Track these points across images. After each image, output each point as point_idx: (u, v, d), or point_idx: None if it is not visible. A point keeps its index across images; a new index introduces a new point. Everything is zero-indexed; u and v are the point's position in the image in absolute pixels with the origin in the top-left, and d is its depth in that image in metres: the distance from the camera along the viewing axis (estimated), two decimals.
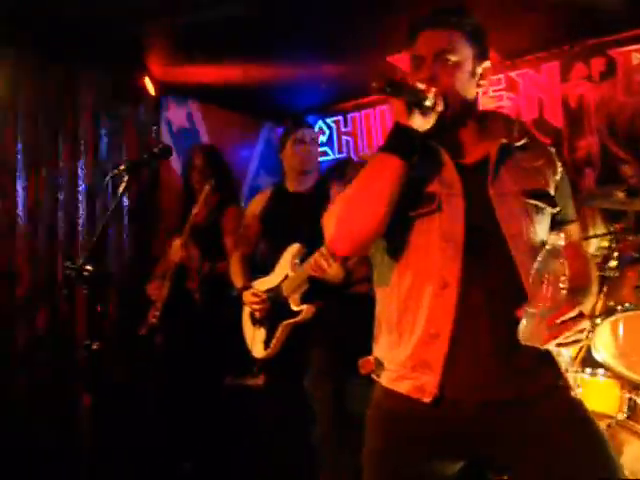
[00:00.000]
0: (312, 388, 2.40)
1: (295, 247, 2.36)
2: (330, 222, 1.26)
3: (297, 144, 2.49)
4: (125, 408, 2.84)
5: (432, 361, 1.17)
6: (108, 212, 2.31)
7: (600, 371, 1.99)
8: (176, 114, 3.63)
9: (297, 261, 2.34)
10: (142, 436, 2.78)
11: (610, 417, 1.85)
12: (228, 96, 3.68)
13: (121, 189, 2.27)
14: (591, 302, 1.22)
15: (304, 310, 2.29)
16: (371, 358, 1.34)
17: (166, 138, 3.52)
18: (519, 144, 1.32)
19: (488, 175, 1.24)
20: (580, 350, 1.97)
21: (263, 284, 2.46)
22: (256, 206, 2.64)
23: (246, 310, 2.52)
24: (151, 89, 3.21)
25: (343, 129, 3.97)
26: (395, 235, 1.26)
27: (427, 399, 1.18)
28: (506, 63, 3.21)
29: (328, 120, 4.02)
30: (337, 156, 3.99)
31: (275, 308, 2.38)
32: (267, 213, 2.58)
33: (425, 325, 1.19)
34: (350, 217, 1.21)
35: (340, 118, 3.97)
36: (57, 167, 2.96)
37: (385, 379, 1.27)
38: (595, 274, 1.26)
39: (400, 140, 1.19)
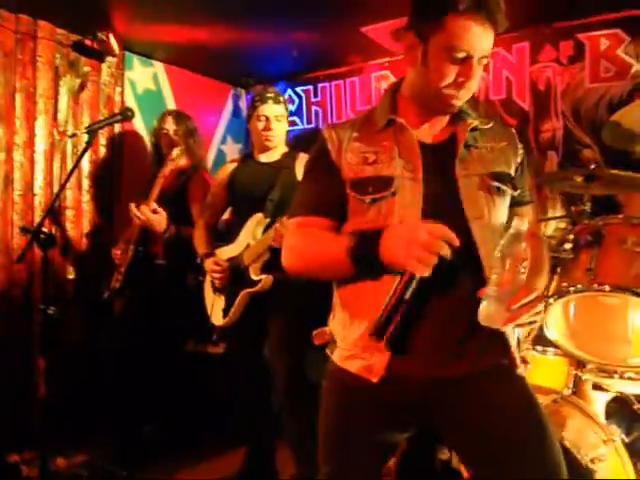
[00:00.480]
0: (271, 357, 2.43)
1: (258, 216, 2.37)
2: (285, 254, 1.31)
3: (261, 121, 2.46)
4: (83, 372, 2.82)
5: (381, 343, 1.19)
6: (67, 174, 2.23)
7: (550, 349, 2.07)
8: (141, 75, 3.52)
9: (259, 231, 2.34)
10: (102, 400, 2.76)
11: (557, 392, 1.92)
12: (196, 59, 3.58)
13: (82, 151, 2.21)
14: (544, 282, 1.25)
15: (263, 280, 2.31)
16: (327, 329, 1.36)
17: (130, 99, 3.41)
18: (487, 126, 1.33)
19: (455, 156, 1.25)
20: (532, 328, 2.04)
21: (225, 252, 2.46)
22: (223, 174, 2.61)
23: (208, 278, 2.52)
24: (115, 47, 3.08)
25: (313, 99, 3.92)
26: (345, 215, 1.28)
27: (374, 379, 1.21)
28: None
29: (298, 89, 3.95)
30: (305, 126, 3.95)
31: (235, 277, 2.39)
32: (234, 182, 2.56)
33: (378, 307, 1.19)
34: (300, 270, 1.30)
35: (310, 88, 3.91)
36: (13, 125, 2.84)
37: (337, 356, 1.30)
38: (548, 255, 1.28)
39: (369, 266, 1.16)
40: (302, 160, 2.47)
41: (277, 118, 2.46)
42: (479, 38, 1.16)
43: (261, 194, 2.39)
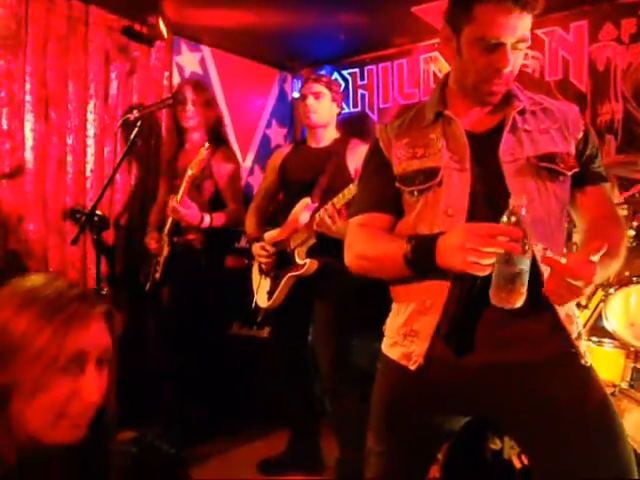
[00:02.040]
0: (315, 341, 2.44)
1: (305, 201, 2.37)
2: (346, 252, 1.34)
3: (300, 99, 2.46)
4: (133, 355, 2.89)
5: (421, 331, 1.22)
6: (120, 158, 2.27)
7: (606, 340, 2.00)
8: (188, 59, 3.54)
9: (305, 215, 2.34)
10: (150, 381, 2.82)
11: (614, 385, 1.87)
12: (242, 43, 3.57)
13: (133, 135, 2.24)
14: (614, 269, 1.21)
15: (307, 264, 2.31)
16: None
17: (177, 83, 3.43)
18: (535, 108, 1.28)
19: (500, 142, 1.22)
20: (590, 318, 1.97)
21: (273, 236, 2.47)
22: (276, 159, 2.62)
23: (256, 261, 2.54)
24: (164, 31, 3.10)
25: (359, 82, 3.86)
26: (403, 209, 1.30)
27: (413, 367, 1.23)
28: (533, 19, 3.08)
29: (344, 72, 3.91)
30: (352, 110, 3.90)
31: (281, 260, 2.41)
32: (285, 166, 2.56)
33: (421, 295, 1.22)
34: (359, 269, 1.32)
35: (357, 71, 3.86)
36: (66, 110, 2.90)
37: (384, 344, 1.34)
38: (623, 240, 1.23)
39: (426, 271, 1.17)
40: (353, 146, 2.44)
41: (316, 95, 2.43)
42: (509, 24, 1.13)
43: (310, 179, 2.39)
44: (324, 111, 2.45)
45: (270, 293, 2.44)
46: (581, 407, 1.17)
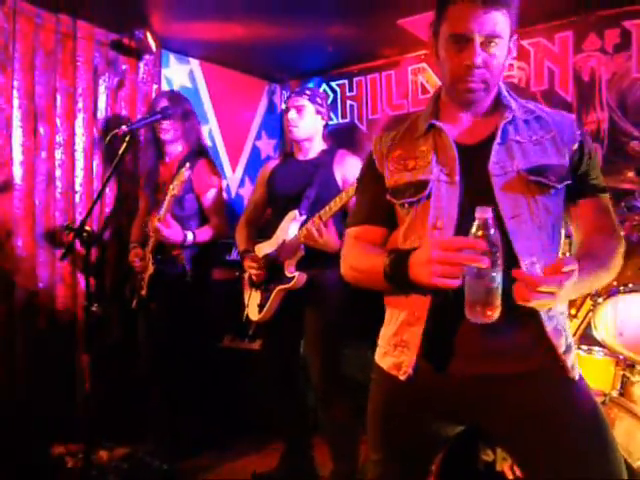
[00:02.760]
0: (306, 354, 2.44)
1: (293, 213, 2.37)
2: (342, 264, 1.37)
3: (285, 113, 2.45)
4: (124, 368, 2.87)
5: (410, 341, 1.22)
6: (108, 172, 2.26)
7: (596, 348, 2.01)
8: (177, 72, 3.55)
9: (294, 228, 2.34)
10: (141, 395, 2.80)
11: (604, 394, 1.87)
12: (231, 55, 3.59)
13: (122, 150, 2.23)
14: (604, 280, 1.21)
15: (296, 277, 2.31)
16: None
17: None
18: (528, 117, 1.28)
19: (490, 155, 1.22)
20: (579, 327, 1.98)
21: (263, 249, 2.47)
22: (265, 172, 2.63)
23: (247, 274, 2.53)
24: (153, 44, 3.10)
25: (348, 93, 3.89)
26: (392, 221, 1.31)
27: (402, 377, 1.24)
28: (518, 30, 3.12)
29: (333, 84, 3.93)
30: (340, 121, 3.92)
31: (272, 273, 2.40)
32: (273, 179, 2.56)
33: (410, 306, 1.23)
34: (352, 280, 1.35)
35: (345, 82, 3.89)
36: (54, 125, 2.89)
37: (377, 354, 1.35)
38: (617, 252, 1.22)
39: (403, 286, 1.18)
40: (341, 157, 2.45)
41: (297, 109, 2.41)
42: (477, 19, 1.15)
43: (298, 191, 2.38)
44: (307, 124, 2.42)
45: (261, 306, 2.43)
46: (570, 416, 1.17)
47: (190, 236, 2.60)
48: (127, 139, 2.22)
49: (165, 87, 3.43)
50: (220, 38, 3.29)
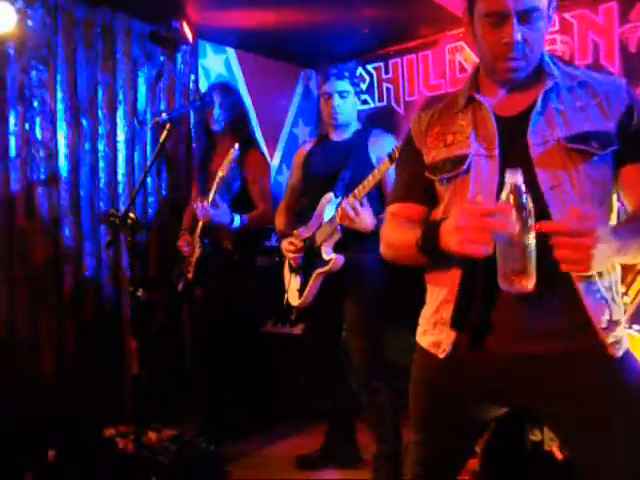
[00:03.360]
0: (348, 338, 2.43)
1: (328, 195, 2.35)
2: (381, 242, 1.37)
3: (325, 98, 2.41)
4: (171, 353, 2.94)
5: (448, 318, 1.20)
6: (149, 161, 2.31)
7: None
8: (214, 62, 3.58)
9: (329, 210, 2.33)
10: (187, 379, 2.87)
11: None
12: (266, 42, 3.59)
13: (162, 138, 2.27)
14: None
15: (333, 260, 2.29)
16: None
17: (203, 87, 3.47)
18: (572, 84, 1.22)
19: (529, 125, 1.18)
20: (630, 306, 1.91)
21: (301, 233, 2.47)
22: (300, 156, 2.62)
23: (286, 259, 2.55)
24: (189, 35, 3.14)
25: (384, 76, 3.84)
26: (432, 199, 1.29)
27: (441, 355, 1.22)
28: (560, 3, 3.01)
29: (368, 67, 3.88)
30: (377, 104, 3.88)
31: (309, 257, 2.40)
32: (308, 162, 2.55)
33: (449, 282, 1.20)
34: (390, 258, 1.35)
35: (381, 65, 3.83)
36: (96, 117, 2.97)
37: (417, 333, 1.34)
38: None
39: (438, 256, 1.16)
40: (375, 137, 2.42)
41: (341, 94, 2.39)
42: None
43: (333, 173, 2.36)
44: (350, 109, 2.42)
45: (300, 291, 2.43)
46: (617, 396, 1.13)
47: (237, 219, 2.64)
48: (167, 127, 2.26)
49: (202, 77, 3.47)
50: (254, 25, 3.30)
